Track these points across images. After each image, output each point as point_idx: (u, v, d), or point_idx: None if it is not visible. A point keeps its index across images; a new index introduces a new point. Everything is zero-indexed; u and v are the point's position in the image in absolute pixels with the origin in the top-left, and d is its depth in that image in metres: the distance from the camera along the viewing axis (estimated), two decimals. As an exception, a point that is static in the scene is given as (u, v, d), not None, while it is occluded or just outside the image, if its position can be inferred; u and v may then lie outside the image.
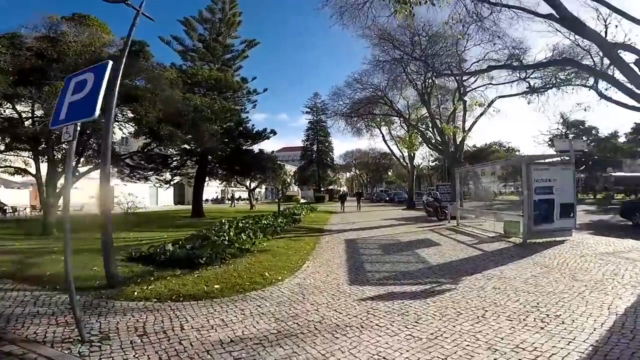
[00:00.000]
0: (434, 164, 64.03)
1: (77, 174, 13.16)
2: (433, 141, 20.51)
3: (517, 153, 58.81)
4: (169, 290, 5.23)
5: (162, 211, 27.32)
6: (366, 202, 52.12)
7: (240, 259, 7.51)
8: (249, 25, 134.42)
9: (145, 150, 15.61)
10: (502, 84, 17.81)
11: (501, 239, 10.69)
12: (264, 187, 62.27)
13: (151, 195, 39.56)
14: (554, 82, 15.58)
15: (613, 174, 33.64)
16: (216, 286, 5.53)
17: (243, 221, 12.49)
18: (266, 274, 6.30)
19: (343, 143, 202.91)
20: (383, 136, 33.10)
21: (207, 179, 22.74)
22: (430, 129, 21.76)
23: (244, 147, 20.75)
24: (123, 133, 17.13)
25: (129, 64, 12.04)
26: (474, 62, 18.72)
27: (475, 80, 18.74)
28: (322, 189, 71.17)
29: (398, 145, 29.84)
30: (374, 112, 24.33)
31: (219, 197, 47.85)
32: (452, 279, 5.98)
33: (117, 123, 14.46)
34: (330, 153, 72.41)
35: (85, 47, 11.27)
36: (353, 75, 23.89)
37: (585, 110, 13.26)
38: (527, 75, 16.25)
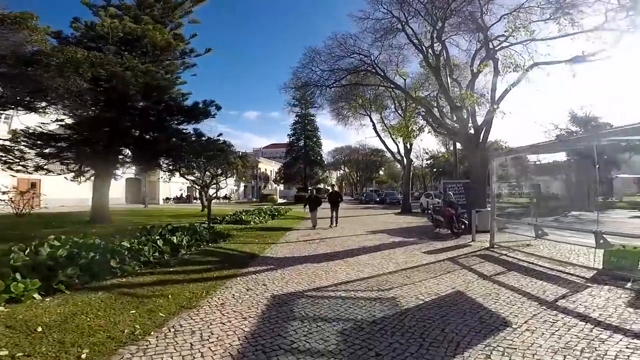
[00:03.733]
0: (429, 161, 58.37)
1: None
2: (447, 121, 14.40)
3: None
4: None
5: (78, 212, 20.67)
6: (354, 203, 46.14)
7: None
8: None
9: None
10: (549, 39, 11.79)
11: (615, 283, 4.91)
12: (242, 185, 55.95)
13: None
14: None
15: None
16: None
17: (73, 240, 6.28)
18: None
19: (335, 141, 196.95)
20: (374, 124, 27.16)
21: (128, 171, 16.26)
22: (438, 107, 15.71)
23: (166, 125, 14.42)
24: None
25: None
26: (504, 15, 12.72)
27: (507, 37, 12.66)
28: (310, 188, 65.09)
29: (392, 134, 23.82)
30: (362, 83, 18.16)
31: (184, 195, 41.25)
32: None
33: None
34: (319, 149, 66.20)
35: None
36: (335, 36, 17.69)
37: None
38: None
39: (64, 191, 21.69)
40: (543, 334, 3.44)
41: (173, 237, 7.62)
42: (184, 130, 15.01)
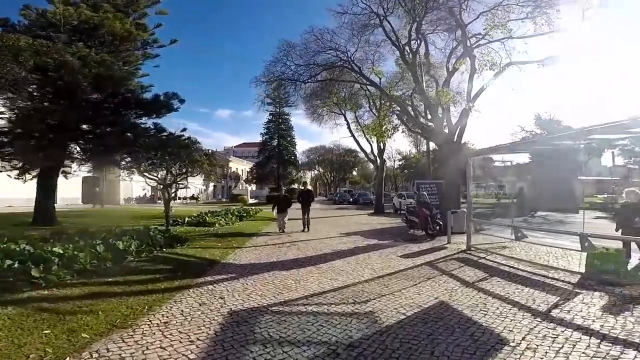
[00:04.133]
0: (401, 162, 58.94)
1: None
2: (422, 120, 14.14)
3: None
4: None
5: (24, 212, 18.83)
6: (328, 203, 45.74)
7: None
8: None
9: None
10: (527, 37, 11.71)
11: (604, 288, 4.76)
12: (211, 185, 53.89)
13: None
14: None
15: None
16: None
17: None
18: None
19: (310, 141, 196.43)
20: (348, 124, 26.83)
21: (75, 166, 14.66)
22: (412, 106, 15.46)
23: (121, 118, 13.10)
24: None
25: None
26: (483, 12, 12.54)
27: (485, 35, 12.50)
28: (284, 188, 63.96)
29: (366, 133, 23.49)
30: (337, 79, 17.61)
31: (148, 195, 38.97)
32: None
33: None
34: (293, 149, 65.11)
35: None
36: (312, 30, 17.03)
37: None
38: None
39: (12, 190, 19.52)
40: (547, 352, 2.95)
41: (119, 241, 6.62)
42: (142, 125, 13.71)
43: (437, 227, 10.82)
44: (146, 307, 4.04)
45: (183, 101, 15.20)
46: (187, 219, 14.20)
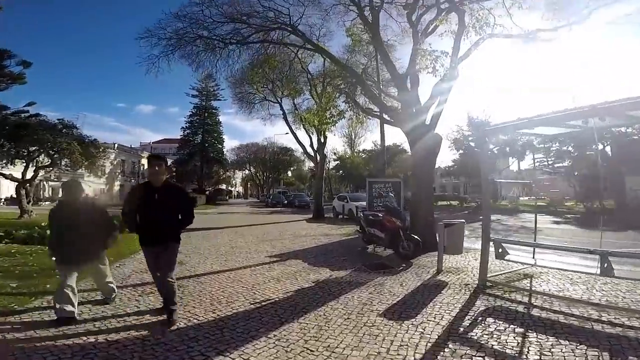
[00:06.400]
0: (336, 162, 56.55)
1: None
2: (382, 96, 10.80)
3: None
4: None
5: None
6: (260, 206, 41.10)
7: None
8: None
9: None
10: None
11: None
12: (117, 184, 45.09)
13: None
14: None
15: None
16: None
17: None
18: None
19: (243, 142, 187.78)
20: (284, 113, 22.96)
21: None
22: (366, 78, 12.10)
23: None
24: None
25: None
26: None
27: None
28: (210, 189, 57.24)
29: (305, 122, 19.68)
30: (271, 41, 13.38)
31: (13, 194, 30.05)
32: None
33: None
34: (220, 146, 58.92)
35: None
36: None
37: None
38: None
39: None
40: None
41: None
42: None
43: (411, 246, 7.45)
44: None
45: (28, 64, 9.85)
46: (24, 231, 8.77)
